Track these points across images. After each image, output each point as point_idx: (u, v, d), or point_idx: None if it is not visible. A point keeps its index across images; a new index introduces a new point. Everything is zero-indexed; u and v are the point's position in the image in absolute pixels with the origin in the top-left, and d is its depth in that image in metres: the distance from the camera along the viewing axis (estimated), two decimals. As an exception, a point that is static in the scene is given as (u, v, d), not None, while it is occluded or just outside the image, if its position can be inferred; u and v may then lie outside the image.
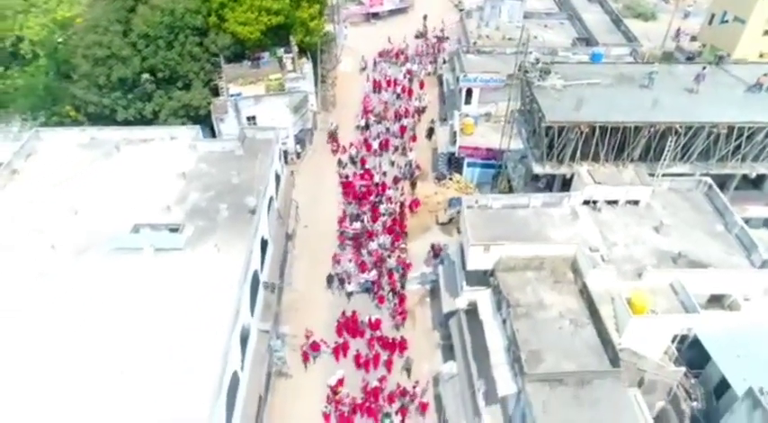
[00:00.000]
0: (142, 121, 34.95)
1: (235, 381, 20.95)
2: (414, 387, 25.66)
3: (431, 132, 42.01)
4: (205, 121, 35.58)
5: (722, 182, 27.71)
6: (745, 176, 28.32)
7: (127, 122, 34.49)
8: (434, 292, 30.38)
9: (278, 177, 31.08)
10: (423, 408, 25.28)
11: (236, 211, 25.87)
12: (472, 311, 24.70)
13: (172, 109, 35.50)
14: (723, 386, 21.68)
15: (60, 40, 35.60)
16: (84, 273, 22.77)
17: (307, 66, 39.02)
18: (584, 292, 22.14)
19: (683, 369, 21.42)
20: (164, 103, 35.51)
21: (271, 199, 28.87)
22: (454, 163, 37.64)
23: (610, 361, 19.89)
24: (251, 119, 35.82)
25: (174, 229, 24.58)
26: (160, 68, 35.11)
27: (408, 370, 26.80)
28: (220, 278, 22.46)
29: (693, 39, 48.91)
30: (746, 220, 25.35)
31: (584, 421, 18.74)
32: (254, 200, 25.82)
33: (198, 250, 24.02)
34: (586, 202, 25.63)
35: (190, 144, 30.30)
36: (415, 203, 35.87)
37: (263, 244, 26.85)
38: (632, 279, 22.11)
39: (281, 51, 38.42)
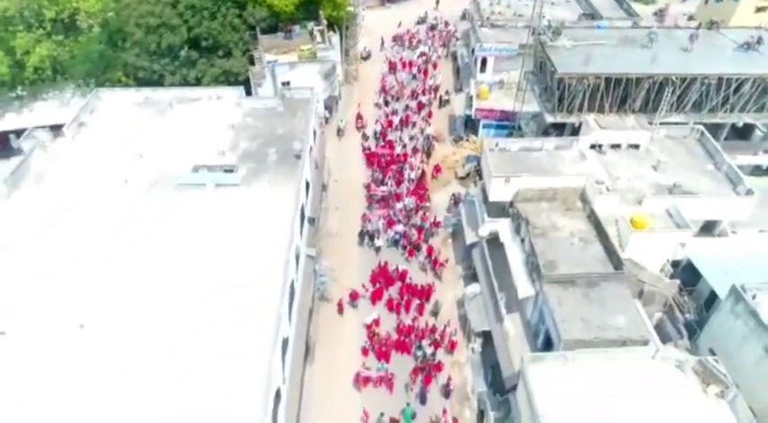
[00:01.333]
0: (186, 85, 38.03)
1: (292, 289, 24.34)
2: (445, 327, 28.12)
3: (441, 101, 45.54)
4: (243, 87, 38.81)
5: (713, 133, 30.63)
6: (734, 127, 31.69)
7: (172, 87, 37.70)
8: (455, 235, 33.77)
9: (314, 133, 34.44)
10: (452, 346, 27.70)
11: (283, 156, 29.15)
12: (492, 241, 28.09)
13: (213, 75, 38.87)
14: (712, 299, 25.14)
15: (111, 13, 38.91)
16: (155, 203, 26.11)
17: (335, 38, 42.43)
18: (592, 217, 25.51)
19: (678, 281, 24.79)
20: (206, 69, 38.87)
21: (311, 148, 32.25)
22: (470, 125, 40.97)
23: (614, 267, 23.25)
24: (285, 84, 39.06)
25: (228, 170, 28.05)
26: (204, 37, 38.43)
27: (436, 314, 29.21)
28: (275, 207, 25.76)
29: (690, 18, 52.27)
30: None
31: (593, 315, 22.04)
32: (299, 144, 29.25)
33: (253, 187, 27.37)
34: (593, 146, 28.90)
35: (235, 102, 33.76)
36: (437, 169, 38.95)
37: (306, 185, 30.23)
38: (633, 205, 25.44)
39: (311, 24, 41.90)
